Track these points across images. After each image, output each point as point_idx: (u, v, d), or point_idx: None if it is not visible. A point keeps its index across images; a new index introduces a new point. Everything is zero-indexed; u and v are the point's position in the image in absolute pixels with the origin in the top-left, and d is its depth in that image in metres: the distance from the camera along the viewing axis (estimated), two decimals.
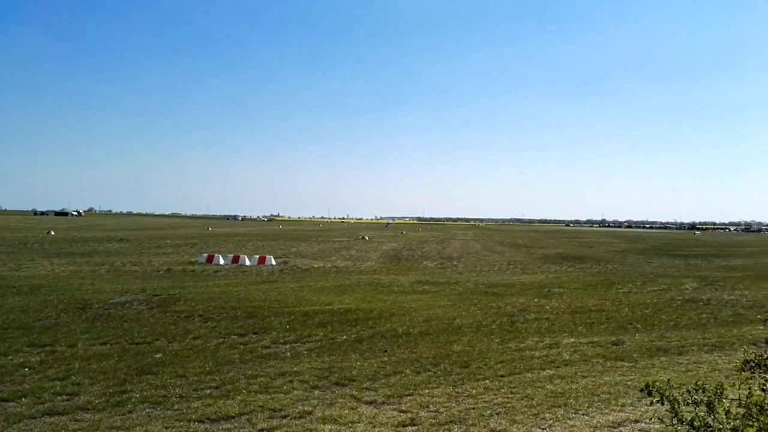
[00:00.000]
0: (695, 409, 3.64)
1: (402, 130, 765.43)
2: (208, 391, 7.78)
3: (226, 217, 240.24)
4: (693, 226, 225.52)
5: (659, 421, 4.28)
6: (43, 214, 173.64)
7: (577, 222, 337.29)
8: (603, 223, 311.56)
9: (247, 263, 29.11)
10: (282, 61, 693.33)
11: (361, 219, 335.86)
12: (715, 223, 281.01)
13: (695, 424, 3.53)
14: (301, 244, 50.03)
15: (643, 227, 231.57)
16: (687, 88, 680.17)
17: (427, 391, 7.90)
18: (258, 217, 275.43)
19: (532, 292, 19.45)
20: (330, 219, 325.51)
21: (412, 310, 15.11)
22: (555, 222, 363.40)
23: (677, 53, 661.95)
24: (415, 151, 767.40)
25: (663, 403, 3.68)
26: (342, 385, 8.20)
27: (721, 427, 3.52)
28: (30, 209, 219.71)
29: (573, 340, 11.73)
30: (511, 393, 7.81)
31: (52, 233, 56.30)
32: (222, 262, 29.30)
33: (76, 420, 6.58)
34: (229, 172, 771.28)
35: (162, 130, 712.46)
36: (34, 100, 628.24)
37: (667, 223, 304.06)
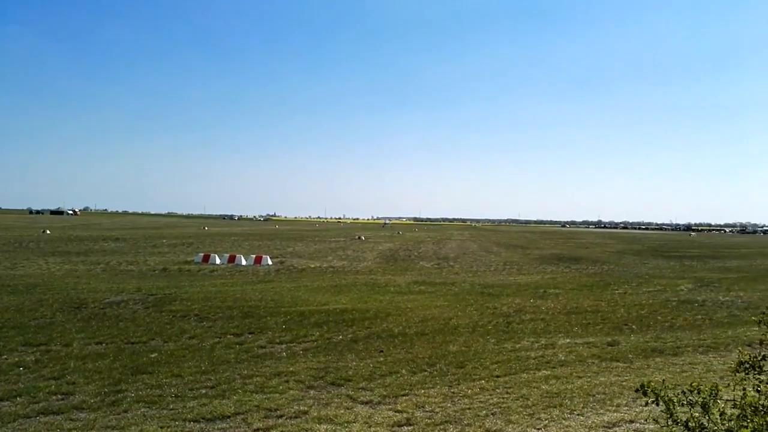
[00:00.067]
0: (690, 409, 3.65)
1: (401, 130, 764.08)
2: (203, 390, 7.77)
3: (223, 217, 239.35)
4: (688, 228, 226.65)
5: (654, 421, 4.29)
6: (38, 213, 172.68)
7: (573, 223, 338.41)
8: (599, 224, 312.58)
9: (244, 263, 29.08)
10: (281, 61, 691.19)
11: (357, 219, 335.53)
12: (710, 225, 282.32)
13: (690, 424, 3.54)
14: (298, 243, 49.99)
15: (639, 228, 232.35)
16: (686, 89, 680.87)
17: (422, 391, 7.91)
18: (254, 216, 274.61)
19: (528, 293, 19.49)
20: (326, 219, 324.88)
21: (408, 310, 15.12)
22: (551, 223, 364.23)
23: (677, 53, 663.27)
24: (414, 151, 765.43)
25: (658, 403, 3.69)
26: (338, 385, 8.20)
27: (715, 427, 3.53)
28: (26, 208, 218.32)
29: (568, 340, 11.77)
30: (506, 393, 7.82)
31: (48, 232, 56.08)
32: (218, 261, 29.26)
33: (71, 419, 6.56)
34: (226, 172, 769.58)
35: (158, 130, 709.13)
36: (30, 99, 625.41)
37: (663, 224, 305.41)
